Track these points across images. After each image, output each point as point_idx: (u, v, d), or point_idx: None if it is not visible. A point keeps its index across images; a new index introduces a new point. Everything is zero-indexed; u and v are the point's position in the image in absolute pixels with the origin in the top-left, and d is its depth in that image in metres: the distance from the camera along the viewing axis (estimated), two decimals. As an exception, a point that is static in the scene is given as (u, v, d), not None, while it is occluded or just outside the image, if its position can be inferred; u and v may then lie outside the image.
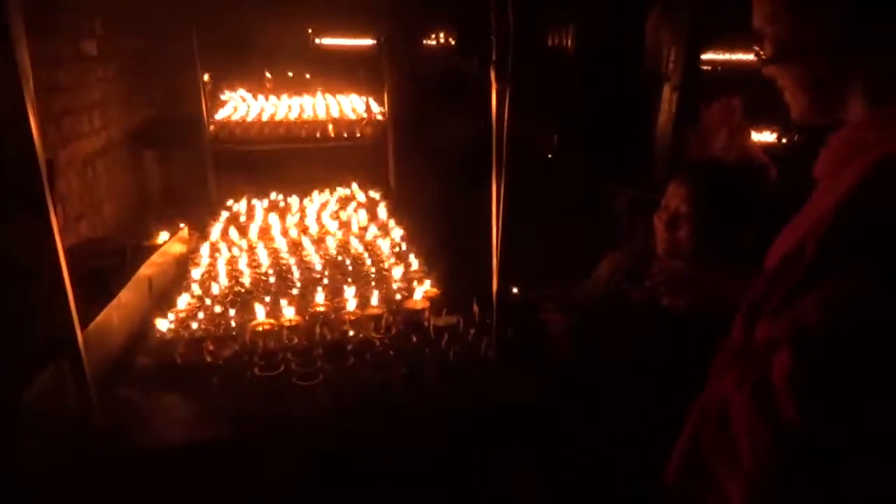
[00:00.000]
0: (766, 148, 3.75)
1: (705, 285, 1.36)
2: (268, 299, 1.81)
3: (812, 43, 0.80)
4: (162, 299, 1.88)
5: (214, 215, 2.64)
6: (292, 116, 3.38)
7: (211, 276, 2.00)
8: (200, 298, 1.83)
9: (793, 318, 0.74)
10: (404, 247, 2.26)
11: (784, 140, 3.69)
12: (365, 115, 3.39)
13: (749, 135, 3.06)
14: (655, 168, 2.77)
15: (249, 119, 3.35)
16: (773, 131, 4.02)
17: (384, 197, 2.94)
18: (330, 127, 3.27)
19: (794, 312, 0.74)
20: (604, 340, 1.50)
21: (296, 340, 1.58)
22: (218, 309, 1.78)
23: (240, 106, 3.65)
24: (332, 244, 2.29)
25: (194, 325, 1.66)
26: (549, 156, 4.42)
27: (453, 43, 5.47)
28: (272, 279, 1.97)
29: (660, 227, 1.65)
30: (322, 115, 3.39)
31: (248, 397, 1.44)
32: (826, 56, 0.80)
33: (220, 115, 3.39)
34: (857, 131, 0.79)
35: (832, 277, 0.71)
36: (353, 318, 1.67)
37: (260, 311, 1.69)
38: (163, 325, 1.65)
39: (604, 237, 2.62)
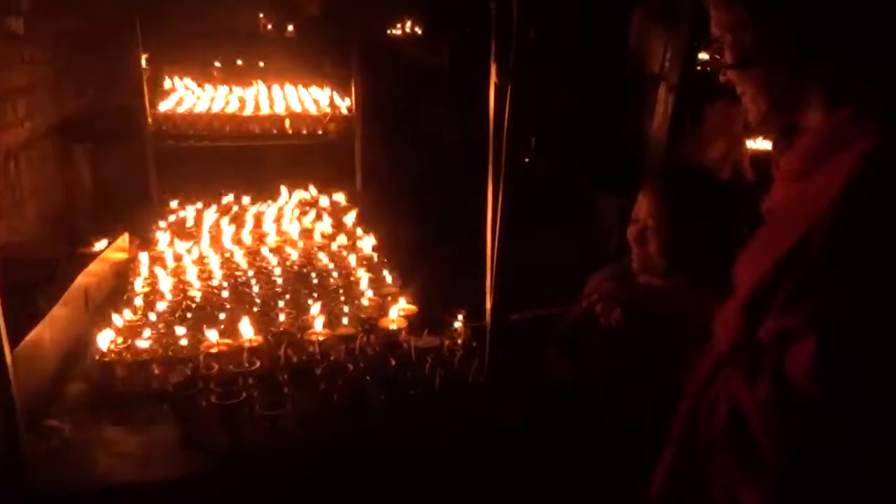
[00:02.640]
0: (761, 156, 3.84)
1: (640, 301, 1.48)
2: (223, 317, 1.78)
3: (773, 50, 0.90)
4: (100, 316, 1.81)
5: (157, 220, 2.59)
6: (245, 110, 3.29)
7: (156, 289, 1.95)
8: (144, 315, 1.77)
9: (813, 308, 0.80)
10: (375, 259, 2.24)
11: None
12: (328, 110, 3.34)
13: (745, 148, 3.15)
14: (649, 175, 2.79)
15: (196, 112, 3.26)
16: (767, 138, 4.12)
17: (351, 202, 2.92)
18: (287, 122, 3.23)
19: (813, 302, 0.81)
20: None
21: (257, 364, 1.54)
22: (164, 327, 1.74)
23: (185, 97, 3.55)
24: (294, 255, 2.26)
25: (138, 346, 1.60)
26: (526, 160, 4.45)
27: (420, 33, 5.47)
28: (226, 293, 1.94)
29: (631, 242, 1.70)
30: (279, 110, 3.31)
31: (203, 429, 1.40)
32: (786, 63, 0.91)
33: (163, 106, 3.29)
34: (830, 130, 0.88)
35: (852, 261, 0.78)
36: (321, 338, 1.63)
37: (214, 331, 1.66)
38: (102, 345, 1.59)
39: (593, 251, 2.69)
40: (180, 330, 1.69)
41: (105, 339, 1.61)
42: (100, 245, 2.22)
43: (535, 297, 1.76)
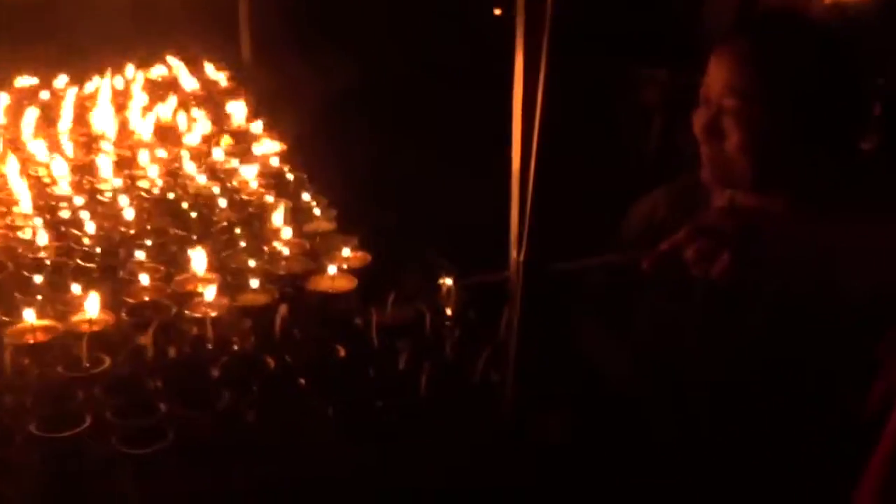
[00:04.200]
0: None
1: (758, 238, 1.42)
2: (39, 280, 1.68)
3: None
4: None
5: None
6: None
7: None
8: None
9: None
10: (289, 176, 2.20)
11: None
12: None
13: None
14: (708, 35, 2.75)
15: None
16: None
17: (235, 82, 2.88)
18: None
19: None
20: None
21: (107, 363, 1.44)
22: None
23: None
24: (151, 170, 2.20)
25: None
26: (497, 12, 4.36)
27: None
28: (42, 240, 1.84)
29: (699, 134, 1.65)
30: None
31: (21, 481, 1.30)
32: None
33: None
34: None
35: None
36: (214, 314, 1.56)
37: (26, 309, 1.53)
38: None
39: (626, 157, 2.68)
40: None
41: None
42: None
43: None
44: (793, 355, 1.43)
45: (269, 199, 2.02)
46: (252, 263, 1.71)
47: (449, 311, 1.59)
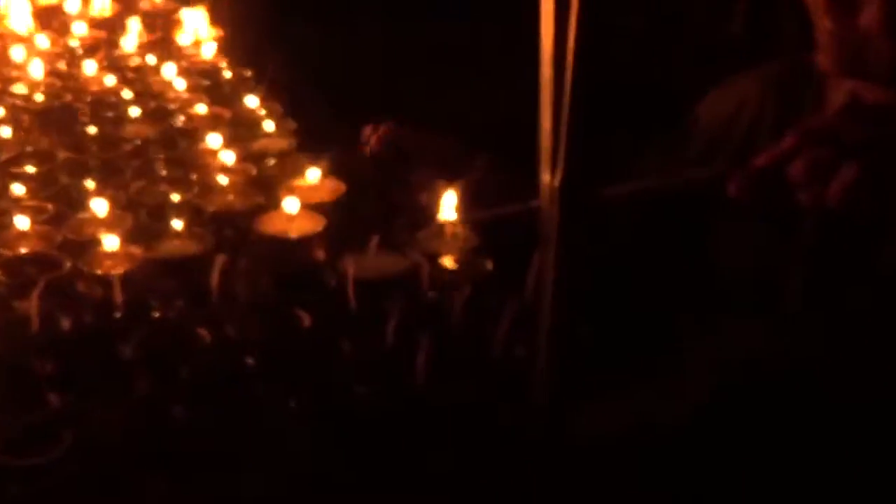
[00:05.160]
0: None
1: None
2: None
3: None
4: None
5: None
6: None
7: None
8: None
9: None
10: (228, 75, 2.26)
11: None
12: None
13: None
14: None
15: None
16: None
17: None
18: None
19: None
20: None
21: None
22: None
23: None
24: (35, 69, 2.23)
25: None
26: None
27: None
28: None
29: (824, 5, 1.66)
30: None
31: None
32: None
33: None
34: None
35: None
36: (124, 270, 1.57)
37: None
38: None
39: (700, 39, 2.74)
40: None
41: None
42: None
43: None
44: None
45: (201, 107, 2.04)
46: (176, 198, 1.72)
47: (454, 261, 1.61)
